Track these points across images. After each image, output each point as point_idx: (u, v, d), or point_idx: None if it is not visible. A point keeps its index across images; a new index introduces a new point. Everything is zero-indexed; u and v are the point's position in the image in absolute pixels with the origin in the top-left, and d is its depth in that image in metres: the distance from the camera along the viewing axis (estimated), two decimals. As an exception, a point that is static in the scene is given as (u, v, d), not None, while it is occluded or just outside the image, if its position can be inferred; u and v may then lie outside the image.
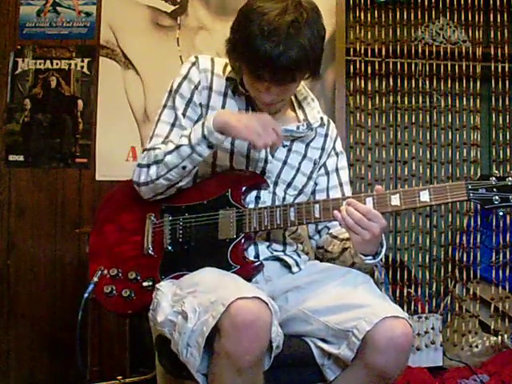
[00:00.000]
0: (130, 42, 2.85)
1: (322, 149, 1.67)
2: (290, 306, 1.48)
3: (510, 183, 1.35)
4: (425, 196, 1.37)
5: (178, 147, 1.45)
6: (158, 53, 2.82)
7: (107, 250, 1.61)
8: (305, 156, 1.63)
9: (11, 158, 2.83)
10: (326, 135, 1.68)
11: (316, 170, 1.67)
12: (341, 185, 1.69)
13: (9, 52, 2.84)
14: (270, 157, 1.57)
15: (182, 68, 1.58)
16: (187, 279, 1.42)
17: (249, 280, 1.45)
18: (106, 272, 1.56)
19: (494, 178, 1.36)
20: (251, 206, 1.54)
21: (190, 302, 1.29)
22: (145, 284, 1.50)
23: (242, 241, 1.48)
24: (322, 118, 1.63)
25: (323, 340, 1.40)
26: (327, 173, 1.69)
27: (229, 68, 1.56)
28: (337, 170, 1.70)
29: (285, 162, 1.60)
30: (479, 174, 1.40)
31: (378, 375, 1.32)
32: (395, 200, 1.38)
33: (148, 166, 1.51)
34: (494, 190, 1.35)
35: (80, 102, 2.84)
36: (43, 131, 2.83)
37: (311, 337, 1.43)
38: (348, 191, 1.70)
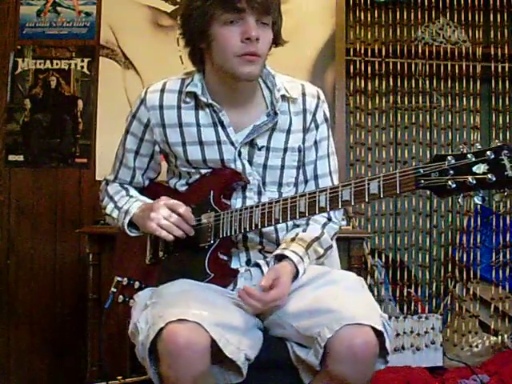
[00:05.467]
0: (130, 42, 2.85)
1: (304, 129, 1.54)
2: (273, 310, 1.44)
3: (470, 160, 1.06)
4: (374, 187, 1.19)
5: (112, 217, 1.59)
6: (158, 53, 2.81)
7: (122, 260, 1.64)
8: (286, 149, 1.52)
9: (11, 158, 2.83)
10: (304, 110, 1.54)
11: (302, 156, 1.56)
12: (319, 158, 1.57)
13: (9, 52, 2.84)
14: (247, 165, 1.50)
15: (135, 102, 1.56)
16: (158, 289, 1.42)
17: (225, 286, 1.45)
18: (120, 282, 1.58)
19: (450, 157, 1.09)
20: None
21: (145, 315, 1.31)
22: None
23: (220, 246, 1.45)
24: (283, 96, 1.50)
25: (299, 344, 1.37)
26: (305, 149, 1.56)
27: (186, 83, 1.51)
28: (315, 143, 1.57)
29: (265, 166, 1.52)
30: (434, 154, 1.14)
31: None
32: (346, 195, 1.24)
33: (101, 201, 1.66)
34: (451, 172, 1.08)
35: (80, 102, 2.84)
36: (43, 131, 2.83)
37: (289, 340, 1.40)
38: (324, 164, 1.58)
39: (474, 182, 1.05)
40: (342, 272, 1.51)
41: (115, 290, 1.58)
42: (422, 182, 1.12)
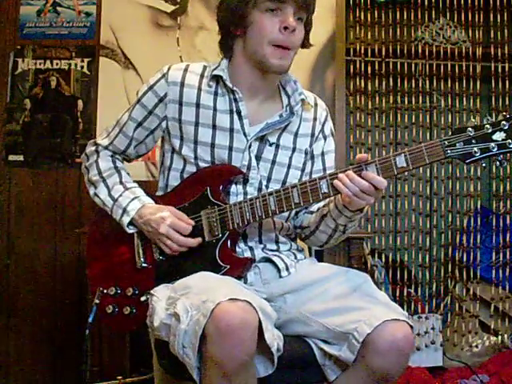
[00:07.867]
0: (130, 42, 2.85)
1: (312, 135, 1.62)
2: (288, 307, 1.47)
3: (488, 130, 1.25)
4: (401, 161, 1.31)
5: (103, 202, 1.57)
6: (158, 53, 2.81)
7: (103, 269, 1.60)
8: (294, 149, 1.58)
9: (11, 157, 2.83)
10: (315, 119, 1.63)
11: (308, 160, 1.63)
12: (324, 170, 1.63)
13: (9, 52, 2.84)
14: (253, 159, 1.52)
15: (153, 76, 1.57)
16: (181, 283, 1.41)
17: (240, 278, 1.46)
18: (105, 292, 1.55)
19: (470, 129, 1.26)
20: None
21: (183, 303, 1.29)
22: (142, 299, 1.49)
23: (229, 238, 1.47)
24: (303, 100, 1.58)
25: (324, 341, 1.40)
26: (312, 157, 1.63)
27: (208, 70, 1.55)
28: (322, 154, 1.64)
29: (273, 162, 1.56)
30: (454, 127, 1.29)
31: (379, 377, 1.33)
32: (371, 170, 1.33)
33: (87, 170, 1.64)
34: (473, 141, 1.26)
35: (80, 102, 2.84)
36: (43, 131, 2.83)
37: (312, 338, 1.43)
38: None
39: (496, 147, 1.25)
40: (355, 271, 1.52)
41: (98, 302, 1.54)
42: (449, 151, 1.28)
